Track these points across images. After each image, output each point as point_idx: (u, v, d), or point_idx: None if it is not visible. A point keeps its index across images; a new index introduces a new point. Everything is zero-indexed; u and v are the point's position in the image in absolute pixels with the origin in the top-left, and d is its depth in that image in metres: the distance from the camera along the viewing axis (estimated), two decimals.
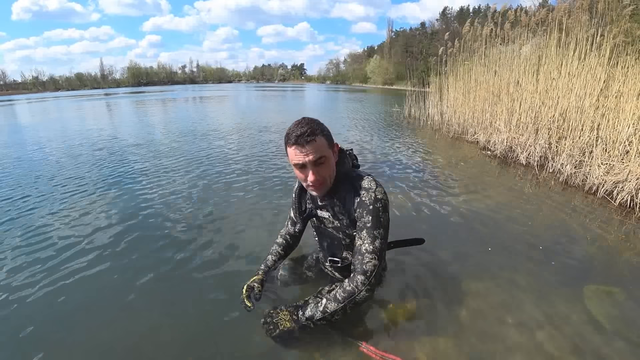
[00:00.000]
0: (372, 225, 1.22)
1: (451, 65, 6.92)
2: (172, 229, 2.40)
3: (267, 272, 1.56)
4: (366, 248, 1.22)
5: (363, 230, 1.24)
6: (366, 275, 1.19)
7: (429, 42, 45.47)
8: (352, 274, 1.23)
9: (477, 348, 1.33)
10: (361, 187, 1.27)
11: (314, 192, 1.31)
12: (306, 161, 1.18)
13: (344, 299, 1.20)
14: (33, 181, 3.73)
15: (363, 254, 1.21)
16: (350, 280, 1.22)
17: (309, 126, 1.17)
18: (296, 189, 1.52)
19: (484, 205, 2.83)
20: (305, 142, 1.16)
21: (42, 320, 1.52)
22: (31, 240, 2.28)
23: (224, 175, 3.77)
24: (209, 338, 1.40)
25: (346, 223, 1.34)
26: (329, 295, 1.26)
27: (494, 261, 1.97)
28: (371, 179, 1.29)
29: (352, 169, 1.37)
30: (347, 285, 1.22)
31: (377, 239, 1.22)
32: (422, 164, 4.31)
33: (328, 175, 1.25)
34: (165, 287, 1.75)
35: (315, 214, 1.45)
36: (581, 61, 3.82)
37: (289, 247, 1.68)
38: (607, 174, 3.00)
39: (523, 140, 4.29)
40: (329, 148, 1.24)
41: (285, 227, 1.71)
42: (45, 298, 1.67)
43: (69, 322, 1.51)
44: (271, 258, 1.61)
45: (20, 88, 74.36)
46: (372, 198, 1.24)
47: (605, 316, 1.50)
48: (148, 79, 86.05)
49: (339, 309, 1.21)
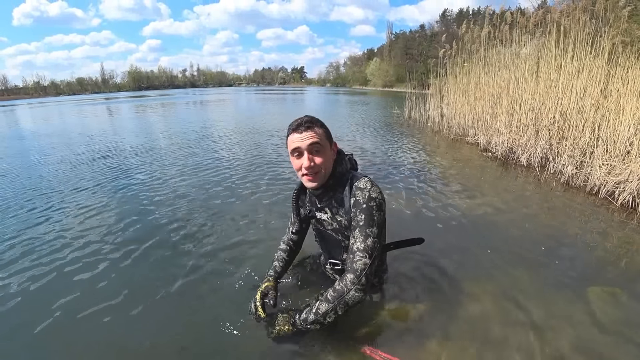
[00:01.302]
0: (365, 224, 1.22)
1: (450, 67, 6.93)
2: (176, 233, 2.40)
3: (277, 278, 1.54)
4: (357, 247, 1.20)
5: (356, 229, 1.23)
6: (356, 274, 1.17)
7: (429, 44, 45.57)
8: (343, 273, 1.22)
9: (479, 350, 1.32)
10: (357, 188, 1.27)
11: (309, 184, 1.30)
12: (302, 145, 1.23)
13: (334, 299, 1.18)
14: (39, 188, 3.74)
15: (354, 253, 1.20)
16: (340, 280, 1.21)
17: (309, 118, 1.28)
18: (295, 191, 1.52)
19: (485, 207, 2.82)
20: (304, 129, 1.24)
21: (49, 323, 1.52)
22: (33, 245, 2.28)
23: (227, 179, 3.78)
24: (213, 339, 1.40)
25: (344, 224, 1.34)
26: (321, 296, 1.24)
27: (495, 263, 1.96)
28: (367, 180, 1.29)
29: (350, 170, 1.39)
30: (337, 285, 1.20)
31: (369, 237, 1.21)
32: (423, 166, 4.30)
33: (322, 165, 1.26)
34: (169, 289, 1.74)
35: (314, 216, 1.45)
36: (580, 62, 3.83)
37: (292, 252, 1.67)
38: (608, 175, 2.99)
39: (524, 142, 4.29)
40: (327, 140, 1.29)
41: (286, 233, 1.70)
42: (49, 299, 1.67)
43: (72, 325, 1.51)
44: (278, 264, 1.59)
45: (21, 93, 74.65)
46: (366, 197, 1.24)
47: (608, 317, 1.49)
48: (149, 83, 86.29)
49: (329, 309, 1.19)
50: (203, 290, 1.73)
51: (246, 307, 1.48)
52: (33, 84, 78.16)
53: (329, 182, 1.32)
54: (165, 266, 1.97)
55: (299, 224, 1.53)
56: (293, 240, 1.67)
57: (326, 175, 1.30)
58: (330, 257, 1.51)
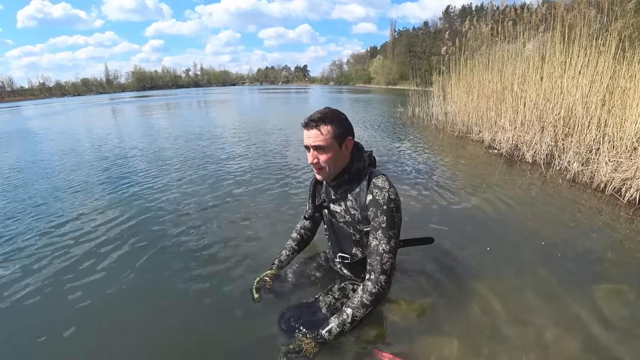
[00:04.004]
0: (387, 226, 1.26)
1: (454, 64, 6.89)
2: (183, 233, 2.42)
3: (279, 267, 1.64)
4: (383, 248, 1.25)
5: (378, 230, 1.26)
6: (387, 274, 1.25)
7: (432, 41, 45.28)
8: (372, 275, 1.25)
9: (488, 349, 1.32)
10: (375, 186, 1.30)
11: (317, 176, 1.38)
12: (307, 143, 1.28)
13: (372, 302, 1.24)
14: (48, 190, 3.79)
15: (381, 254, 1.25)
16: (372, 283, 1.25)
17: (322, 114, 1.27)
18: (312, 179, 1.57)
19: (491, 205, 2.81)
20: (311, 127, 1.26)
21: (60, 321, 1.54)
22: (41, 244, 2.31)
23: (234, 178, 3.80)
24: (221, 340, 1.41)
25: (357, 218, 1.36)
26: (352, 304, 1.25)
27: (502, 260, 1.95)
28: (385, 179, 1.32)
29: (368, 167, 1.40)
30: (371, 288, 1.24)
31: (392, 239, 1.26)
32: (428, 163, 4.29)
33: (326, 163, 1.29)
34: (175, 291, 1.76)
35: (327, 207, 1.48)
36: (586, 57, 3.78)
37: (303, 241, 1.74)
38: (615, 171, 2.96)
39: (529, 138, 4.26)
40: (334, 139, 1.27)
41: (301, 221, 1.76)
42: (57, 299, 1.69)
43: (78, 324, 1.53)
44: (285, 253, 1.68)
45: (27, 94, 75.26)
46: (385, 198, 1.27)
47: (615, 315, 1.49)
48: (152, 83, 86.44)
49: (365, 312, 1.24)
50: (213, 291, 1.74)
51: (255, 306, 1.50)
52: (38, 85, 78.77)
53: (343, 176, 1.35)
54: (179, 265, 1.99)
55: (312, 211, 1.56)
56: (305, 228, 1.73)
57: (334, 172, 1.33)
58: (340, 250, 1.52)
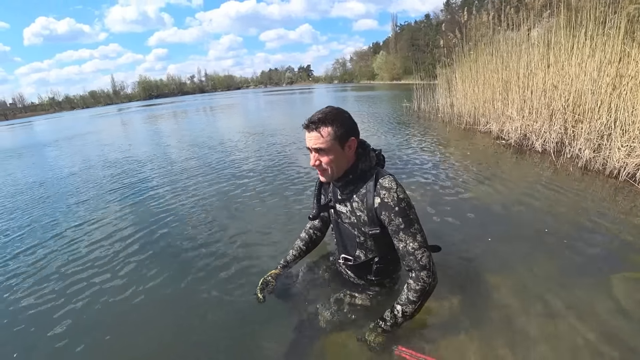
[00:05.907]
0: (406, 226, 1.24)
1: (457, 56, 6.80)
2: (194, 240, 2.46)
3: (285, 267, 1.64)
4: (412, 246, 1.23)
5: (399, 233, 1.24)
6: (427, 269, 1.23)
7: (435, 33, 44.73)
8: (412, 273, 1.25)
9: (507, 342, 1.31)
10: (382, 187, 1.26)
11: (321, 177, 1.37)
12: (308, 145, 1.28)
13: (418, 297, 1.23)
14: (60, 203, 3.87)
15: (412, 253, 1.23)
16: (414, 280, 1.24)
17: (323, 115, 1.24)
18: (317, 180, 1.53)
19: (502, 195, 2.77)
20: (310, 129, 1.24)
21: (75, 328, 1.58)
22: (53, 257, 2.38)
23: (242, 184, 3.82)
24: (222, 340, 1.44)
25: (363, 220, 1.33)
26: (400, 301, 1.27)
27: (516, 252, 1.93)
28: (392, 179, 1.28)
29: (374, 167, 1.36)
30: (414, 285, 1.23)
31: (417, 234, 1.24)
32: (437, 157, 4.26)
33: (328, 165, 1.28)
34: (186, 296, 1.79)
35: (333, 207, 1.47)
36: (593, 40, 3.69)
37: (312, 241, 1.72)
38: (628, 157, 2.89)
39: (537, 127, 4.18)
40: (335, 140, 1.24)
41: (309, 221, 1.73)
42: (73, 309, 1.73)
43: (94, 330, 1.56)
44: (292, 253, 1.68)
45: (38, 109, 77.16)
46: (395, 199, 1.23)
47: (633, 304, 1.45)
48: (159, 92, 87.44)
49: (417, 307, 1.25)
50: (224, 296, 1.77)
51: (264, 308, 1.52)
52: (48, 100, 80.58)
53: (348, 177, 1.33)
54: (192, 271, 2.02)
55: (317, 211, 1.52)
56: (314, 228, 1.72)
57: (337, 173, 1.31)
58: (345, 251, 1.51)
